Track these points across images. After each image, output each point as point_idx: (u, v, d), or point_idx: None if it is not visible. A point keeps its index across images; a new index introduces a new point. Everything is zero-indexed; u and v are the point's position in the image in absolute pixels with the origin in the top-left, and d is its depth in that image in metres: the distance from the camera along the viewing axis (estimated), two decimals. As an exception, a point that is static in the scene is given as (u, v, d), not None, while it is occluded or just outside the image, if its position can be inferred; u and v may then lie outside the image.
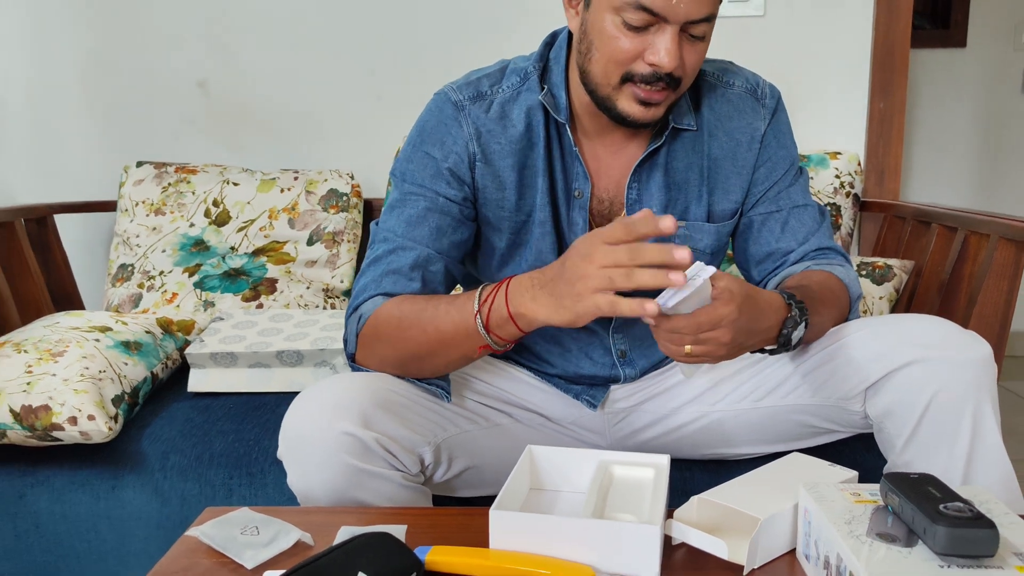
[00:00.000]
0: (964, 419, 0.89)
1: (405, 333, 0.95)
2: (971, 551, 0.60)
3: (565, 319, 0.83)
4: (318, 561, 0.68)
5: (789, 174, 1.09)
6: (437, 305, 0.94)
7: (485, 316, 0.89)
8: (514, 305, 0.87)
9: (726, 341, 0.83)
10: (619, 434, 1.16)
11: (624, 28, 0.91)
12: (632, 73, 0.93)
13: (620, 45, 0.92)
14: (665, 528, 0.77)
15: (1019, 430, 2.42)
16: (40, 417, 1.19)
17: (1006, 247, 1.27)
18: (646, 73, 0.92)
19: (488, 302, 0.89)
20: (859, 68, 1.91)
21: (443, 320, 0.93)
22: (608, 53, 0.93)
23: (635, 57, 0.92)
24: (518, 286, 0.88)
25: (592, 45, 0.95)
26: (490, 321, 0.89)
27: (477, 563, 0.72)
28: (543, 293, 0.85)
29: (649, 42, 0.91)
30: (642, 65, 0.92)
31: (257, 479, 1.23)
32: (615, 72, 0.94)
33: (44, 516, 1.27)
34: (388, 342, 0.97)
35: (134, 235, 1.74)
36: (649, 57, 0.92)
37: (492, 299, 0.89)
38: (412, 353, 0.97)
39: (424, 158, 1.03)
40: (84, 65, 2.00)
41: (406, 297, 0.98)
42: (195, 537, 0.79)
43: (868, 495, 0.73)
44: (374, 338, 0.98)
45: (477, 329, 0.90)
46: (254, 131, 2.01)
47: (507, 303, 0.88)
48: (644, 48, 0.92)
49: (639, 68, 0.93)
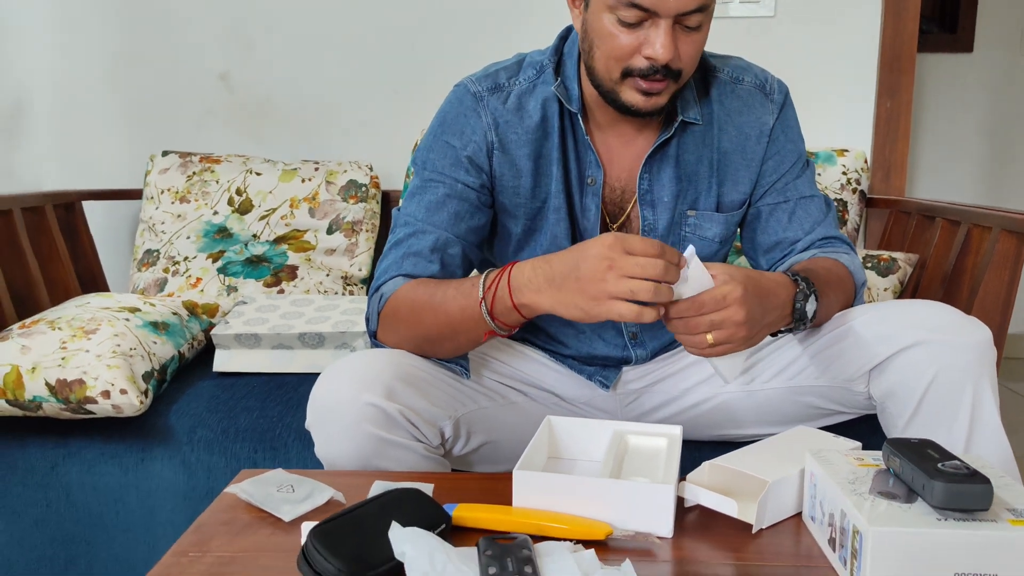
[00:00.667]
0: (964, 400, 0.93)
1: (419, 315, 1.00)
2: (966, 505, 0.64)
3: (574, 316, 0.87)
4: (354, 512, 0.72)
5: (796, 166, 1.14)
6: (446, 290, 0.98)
7: (490, 303, 0.93)
8: (518, 296, 0.91)
9: (740, 319, 0.87)
10: (631, 414, 1.20)
11: (620, 25, 0.96)
12: (631, 68, 0.97)
13: (618, 42, 0.97)
14: (678, 490, 0.81)
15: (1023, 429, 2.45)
16: (74, 390, 1.24)
17: (1007, 239, 1.31)
18: (644, 67, 0.97)
19: (492, 289, 0.93)
20: (867, 69, 1.95)
21: (451, 305, 0.97)
22: (607, 50, 0.98)
23: (633, 52, 0.97)
24: (520, 276, 0.91)
25: (593, 43, 1.00)
26: (494, 308, 0.93)
27: (501, 518, 0.77)
28: (550, 287, 0.88)
29: (644, 37, 0.95)
30: (640, 60, 0.97)
31: (280, 453, 1.28)
32: (615, 68, 0.98)
33: (75, 487, 1.32)
34: (404, 323, 1.02)
35: (159, 222, 1.79)
36: (645, 51, 0.96)
37: (496, 287, 0.93)
38: (425, 335, 1.01)
39: (444, 147, 1.08)
40: (112, 59, 2.06)
41: (422, 280, 1.03)
42: (234, 494, 0.84)
43: (871, 460, 0.77)
44: (393, 318, 1.02)
45: (482, 315, 0.94)
46: (275, 123, 2.06)
47: (511, 293, 0.91)
48: (640, 43, 0.96)
49: (637, 63, 0.97)
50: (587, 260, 0.85)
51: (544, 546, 0.70)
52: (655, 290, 0.82)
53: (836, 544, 0.71)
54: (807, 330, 1.04)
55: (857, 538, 0.66)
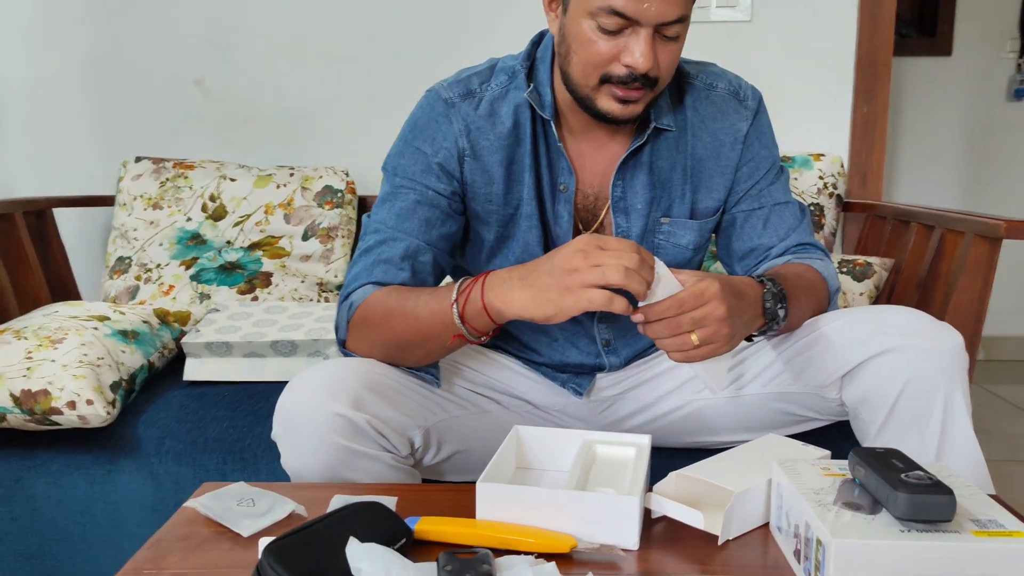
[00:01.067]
0: (935, 405, 0.93)
1: (390, 322, 0.99)
2: (929, 516, 0.64)
3: (545, 312, 0.86)
4: (312, 527, 0.71)
5: (771, 173, 1.13)
6: (419, 296, 0.98)
7: (461, 306, 0.92)
8: (488, 296, 0.90)
9: (722, 315, 0.85)
10: (604, 422, 1.20)
11: (600, 32, 0.95)
12: (609, 75, 0.97)
13: (596, 48, 0.96)
14: (645, 501, 0.80)
15: (1004, 432, 2.47)
16: (39, 401, 1.22)
17: (980, 244, 1.31)
18: (622, 74, 0.96)
19: (465, 292, 0.93)
20: (843, 73, 1.96)
21: (423, 310, 0.96)
22: (586, 56, 0.97)
23: (611, 59, 0.96)
24: (495, 278, 0.91)
25: (571, 49, 0.99)
26: (465, 311, 0.92)
27: (464, 532, 0.76)
28: (522, 285, 0.88)
29: (624, 45, 0.95)
30: (618, 67, 0.96)
31: (250, 464, 1.26)
32: (593, 74, 0.98)
33: (40, 500, 1.29)
34: (375, 330, 1.00)
35: (132, 229, 1.77)
36: (624, 59, 0.95)
37: (469, 290, 0.92)
38: (395, 342, 1.00)
39: (415, 153, 1.07)
40: (84, 62, 2.03)
41: (394, 288, 1.01)
42: (193, 508, 0.82)
43: (837, 469, 0.77)
44: (363, 326, 1.01)
45: (453, 319, 0.93)
46: (252, 129, 2.04)
47: (482, 294, 0.91)
48: (619, 51, 0.95)
49: (616, 70, 0.96)
50: (562, 254, 0.85)
51: (505, 560, 0.69)
52: (625, 272, 0.82)
53: (801, 556, 0.70)
54: (780, 334, 1.04)
55: (820, 549, 0.65)
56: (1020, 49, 3.14)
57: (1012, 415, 2.64)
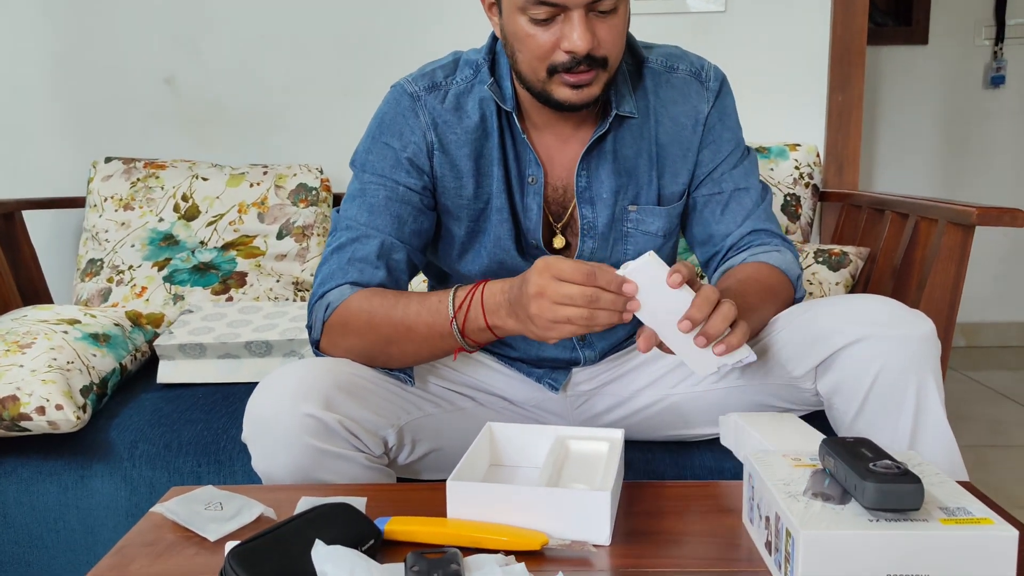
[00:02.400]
0: (908, 394, 0.93)
1: (376, 328, 0.98)
2: (897, 505, 0.63)
3: (539, 340, 0.88)
4: (278, 530, 0.70)
5: (733, 156, 1.12)
6: (408, 304, 0.97)
7: (461, 323, 0.93)
8: (492, 318, 0.91)
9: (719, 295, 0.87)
10: (581, 417, 1.19)
11: (533, 24, 0.95)
12: (554, 64, 0.96)
13: (536, 41, 0.95)
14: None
15: (985, 417, 2.49)
16: (8, 407, 1.20)
17: (953, 231, 1.31)
18: (566, 61, 0.95)
19: (464, 310, 0.93)
20: (818, 63, 1.96)
21: (415, 320, 0.96)
22: (528, 51, 0.97)
23: (552, 49, 0.95)
24: (492, 298, 0.91)
25: (514, 47, 0.99)
26: (466, 328, 0.93)
27: (435, 531, 0.75)
28: (511, 314, 0.89)
29: (560, 31, 0.94)
30: (560, 55, 0.95)
31: (225, 466, 1.24)
32: (540, 67, 0.97)
33: (12, 507, 1.27)
34: (357, 334, 0.99)
35: (103, 230, 1.74)
36: (563, 45, 0.94)
37: (467, 307, 0.92)
38: (381, 349, 0.99)
39: (383, 148, 1.06)
40: (52, 61, 2.00)
41: (376, 291, 1.00)
42: (160, 513, 0.81)
43: (809, 460, 0.76)
44: (342, 328, 1.00)
45: (453, 334, 0.94)
46: (223, 127, 2.02)
47: (484, 314, 0.91)
48: (558, 38, 0.95)
49: (558, 58, 0.96)
50: (526, 290, 0.85)
51: (474, 559, 0.68)
52: (589, 317, 0.83)
53: (772, 547, 0.70)
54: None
55: (790, 541, 0.65)
56: (996, 36, 3.16)
57: (993, 401, 2.66)
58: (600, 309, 0.83)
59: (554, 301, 0.82)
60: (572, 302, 0.82)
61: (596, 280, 0.82)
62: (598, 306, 0.82)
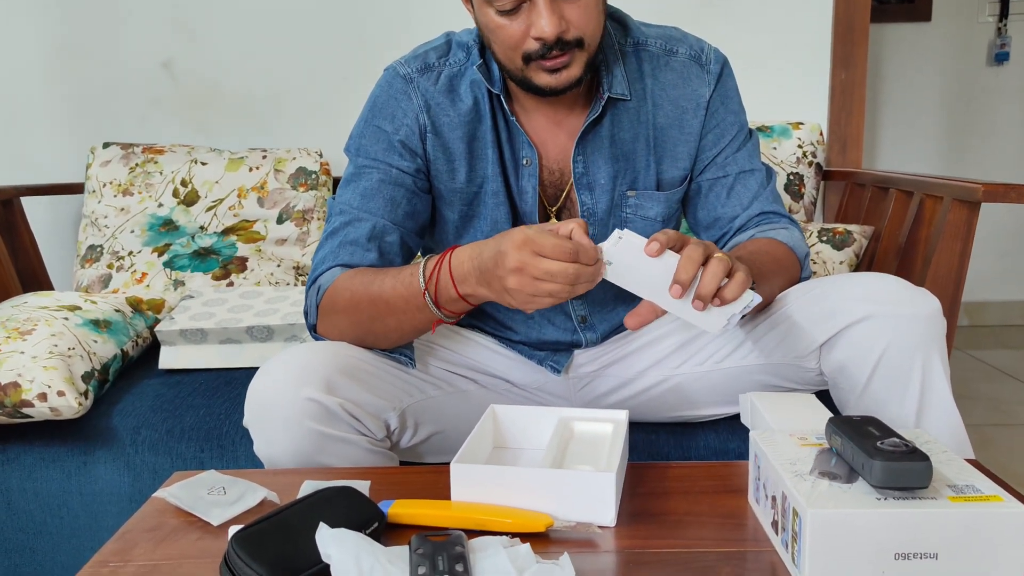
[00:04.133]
0: (914, 372, 0.92)
1: (357, 306, 0.97)
2: (905, 483, 0.63)
3: (514, 308, 0.86)
4: (281, 514, 0.69)
5: (737, 139, 1.11)
6: (383, 279, 0.95)
7: (433, 293, 0.91)
8: (462, 287, 0.89)
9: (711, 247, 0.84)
10: (584, 399, 1.18)
11: (501, 16, 0.94)
12: (528, 53, 0.95)
13: (506, 32, 0.94)
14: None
15: (989, 396, 2.49)
16: (9, 394, 1.19)
17: (958, 208, 1.30)
18: (538, 48, 0.94)
19: (433, 279, 0.91)
20: (821, 41, 1.94)
21: (391, 295, 0.94)
22: (500, 42, 0.96)
23: (523, 37, 0.94)
24: (460, 266, 0.88)
25: (489, 39, 0.98)
26: (439, 297, 0.91)
27: (439, 514, 0.74)
28: (482, 282, 0.86)
29: (528, 19, 0.93)
30: (531, 43, 0.94)
31: (228, 451, 1.24)
32: (514, 57, 0.96)
33: (15, 494, 1.27)
34: (343, 314, 0.99)
35: (102, 216, 1.74)
36: (533, 33, 0.93)
37: (437, 276, 0.90)
38: (367, 328, 0.99)
39: (376, 132, 1.05)
40: (49, 47, 1.98)
41: (360, 270, 0.99)
42: (163, 499, 0.80)
43: (815, 439, 0.76)
44: (331, 310, 1.00)
45: (427, 305, 0.92)
46: (221, 111, 2.00)
47: (454, 283, 0.89)
48: (527, 26, 0.93)
49: (531, 46, 0.94)
50: (502, 263, 0.82)
51: (478, 541, 0.68)
52: (570, 292, 0.81)
53: (779, 527, 0.69)
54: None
55: (797, 520, 0.64)
56: (1000, 13, 3.12)
57: (996, 379, 2.65)
58: (580, 283, 0.81)
59: (535, 277, 0.80)
60: (553, 279, 0.80)
61: (578, 258, 0.80)
62: (579, 281, 0.81)
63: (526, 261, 0.80)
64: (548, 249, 0.79)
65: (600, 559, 0.71)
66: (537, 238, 0.80)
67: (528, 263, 0.80)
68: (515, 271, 0.81)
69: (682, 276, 0.81)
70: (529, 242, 0.80)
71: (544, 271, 0.80)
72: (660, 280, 0.82)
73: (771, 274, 1.00)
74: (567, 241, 0.80)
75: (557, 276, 0.80)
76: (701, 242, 0.83)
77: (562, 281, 0.80)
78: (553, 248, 0.79)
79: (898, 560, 0.62)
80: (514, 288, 0.82)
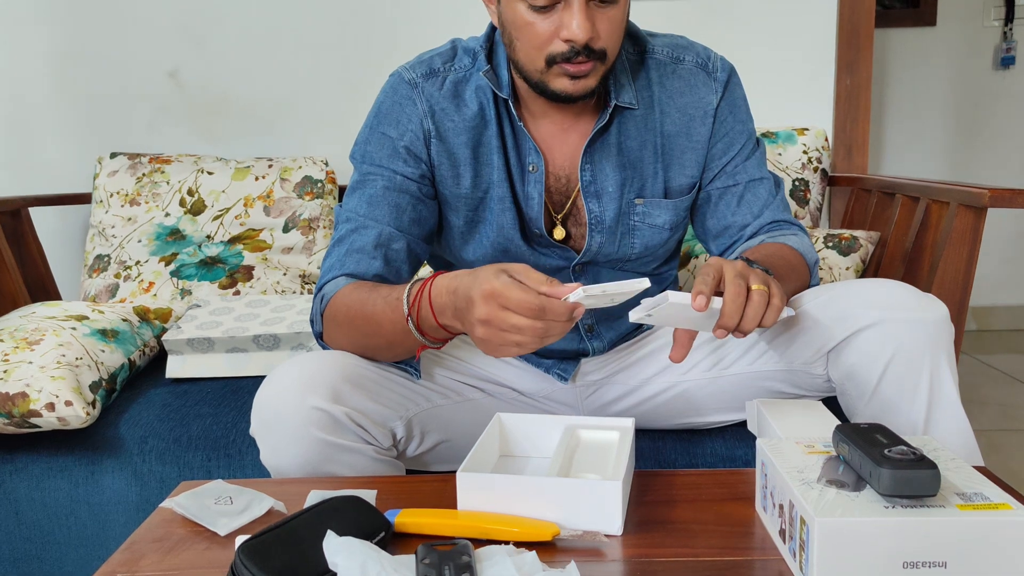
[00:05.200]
0: (922, 378, 0.92)
1: (352, 323, 0.97)
2: (914, 491, 0.62)
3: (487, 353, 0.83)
4: (288, 524, 0.69)
5: (746, 148, 1.11)
6: (376, 299, 0.94)
7: (416, 320, 0.89)
8: (442, 319, 0.86)
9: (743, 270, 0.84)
10: (591, 407, 1.18)
11: (533, 12, 0.93)
12: (553, 54, 0.95)
13: (535, 30, 0.94)
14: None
15: (997, 402, 2.47)
16: (17, 404, 1.20)
17: (965, 214, 1.30)
18: (565, 51, 0.94)
19: (415, 307, 0.88)
20: (825, 47, 1.94)
21: (380, 316, 0.93)
22: (526, 40, 0.95)
23: (551, 38, 0.94)
24: (440, 299, 0.86)
25: (512, 36, 0.97)
26: (421, 326, 0.89)
27: (445, 523, 0.74)
28: (458, 320, 0.84)
29: (559, 20, 0.93)
30: (559, 44, 0.94)
31: (235, 460, 1.24)
32: (538, 57, 0.96)
33: (23, 503, 1.28)
34: (344, 328, 0.99)
35: (109, 226, 1.74)
36: (563, 34, 0.93)
37: (419, 304, 0.88)
38: (363, 344, 0.98)
39: (381, 138, 1.05)
40: (56, 57, 2.00)
41: (357, 284, 0.99)
42: (170, 508, 0.81)
43: (822, 447, 0.76)
44: (333, 321, 1.00)
45: (411, 331, 0.90)
46: (229, 121, 2.01)
47: (434, 314, 0.87)
48: (557, 27, 0.93)
49: (557, 48, 0.94)
50: (471, 310, 0.79)
51: (485, 550, 0.68)
52: (539, 343, 0.78)
53: (786, 535, 0.69)
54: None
55: (804, 529, 0.64)
56: (1005, 17, 3.12)
57: (1004, 384, 2.64)
58: (549, 337, 0.78)
59: (501, 329, 0.77)
60: (520, 332, 0.77)
61: (545, 315, 0.76)
62: (547, 335, 0.78)
63: (492, 314, 0.77)
64: (513, 304, 0.76)
65: (607, 568, 0.70)
66: (504, 291, 0.76)
67: (494, 316, 0.77)
68: (482, 323, 0.78)
69: (729, 323, 0.81)
70: (496, 295, 0.77)
71: (511, 325, 0.77)
72: (704, 321, 0.83)
73: (784, 279, 1.00)
74: (534, 297, 0.76)
75: (524, 331, 0.77)
76: (737, 274, 0.82)
77: (529, 335, 0.77)
78: (519, 303, 0.76)
79: (906, 569, 0.61)
80: (481, 338, 0.80)
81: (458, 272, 0.86)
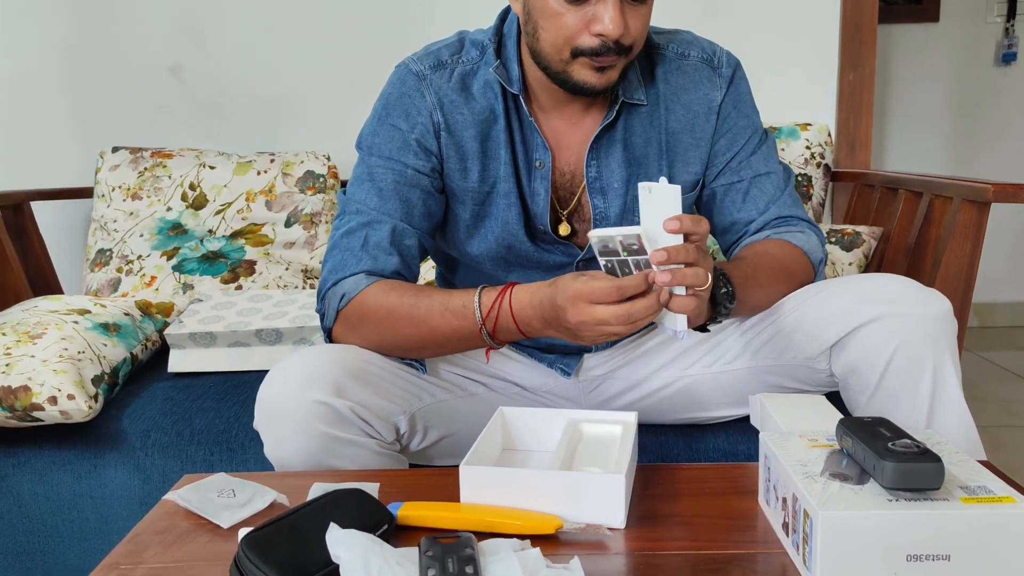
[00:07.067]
0: (925, 372, 0.92)
1: (395, 325, 0.97)
2: (917, 484, 0.62)
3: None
4: (290, 516, 0.69)
5: (751, 143, 1.11)
6: (431, 304, 0.96)
7: (491, 328, 0.93)
8: (527, 331, 0.93)
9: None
10: (594, 401, 1.18)
11: (566, 3, 0.93)
12: (580, 47, 0.94)
13: (565, 21, 0.93)
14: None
15: (999, 398, 2.47)
16: (20, 397, 1.20)
17: (968, 209, 1.29)
18: (595, 45, 0.93)
19: (493, 316, 0.93)
20: (829, 42, 1.93)
21: (439, 322, 0.95)
22: (554, 30, 0.95)
23: (581, 30, 0.93)
24: (524, 314, 0.91)
25: (538, 25, 0.96)
26: (496, 333, 0.94)
27: (448, 516, 0.74)
28: (550, 328, 0.90)
29: (592, 14, 0.92)
30: (588, 38, 0.93)
31: (237, 454, 1.24)
32: (564, 48, 0.95)
33: (26, 497, 1.28)
34: (375, 328, 0.98)
35: (111, 220, 1.74)
36: (594, 28, 0.92)
37: (496, 315, 0.93)
38: (401, 344, 0.99)
39: (391, 130, 1.05)
40: (58, 52, 2.00)
41: (394, 285, 0.99)
42: (173, 501, 0.81)
43: (825, 440, 0.76)
44: (360, 320, 0.99)
45: (481, 337, 0.95)
46: (229, 115, 2.01)
47: (516, 324, 0.92)
48: (588, 20, 0.93)
49: (587, 41, 0.94)
50: (564, 317, 0.86)
51: (488, 544, 0.68)
52: (632, 327, 0.84)
53: (790, 528, 0.69)
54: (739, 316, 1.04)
55: (808, 522, 0.64)
56: (1008, 13, 3.11)
57: (1006, 381, 2.64)
58: (637, 318, 0.83)
59: (595, 323, 0.84)
60: (607, 323, 0.83)
61: (625, 293, 0.82)
62: (633, 318, 0.83)
63: (583, 313, 0.84)
64: (597, 295, 0.83)
65: (610, 561, 0.70)
66: (584, 289, 0.84)
67: (585, 314, 0.84)
68: (578, 326, 0.85)
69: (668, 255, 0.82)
70: (580, 295, 0.84)
71: (599, 319, 0.83)
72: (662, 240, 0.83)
73: (769, 283, 1.00)
74: (610, 282, 0.83)
75: (611, 320, 0.83)
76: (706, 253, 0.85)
77: (617, 323, 0.83)
78: (601, 293, 0.83)
79: (910, 562, 0.61)
80: (585, 336, 0.86)
81: (532, 286, 0.92)
